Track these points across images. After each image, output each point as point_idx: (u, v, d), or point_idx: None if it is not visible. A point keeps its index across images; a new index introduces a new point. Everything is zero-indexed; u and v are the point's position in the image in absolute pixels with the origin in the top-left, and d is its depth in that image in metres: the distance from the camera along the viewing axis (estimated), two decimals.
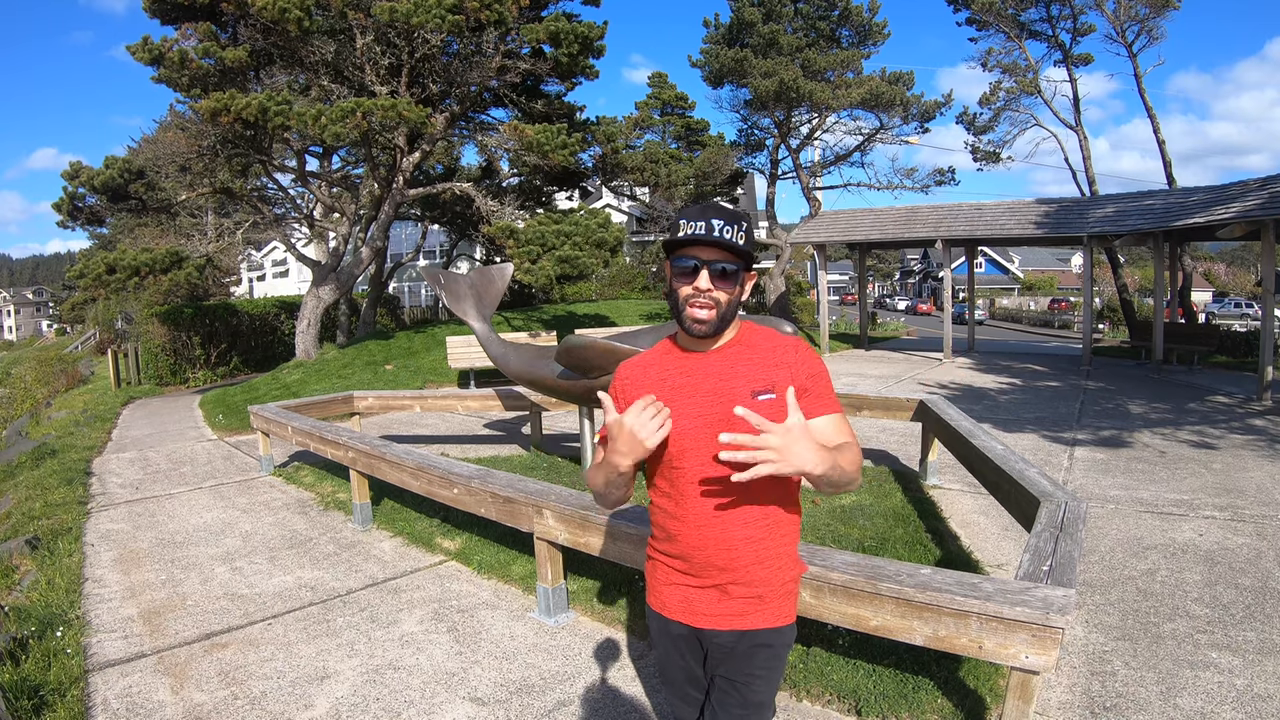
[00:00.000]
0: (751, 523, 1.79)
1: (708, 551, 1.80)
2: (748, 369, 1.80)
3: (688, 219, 1.73)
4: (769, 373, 1.79)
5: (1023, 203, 17.81)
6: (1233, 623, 3.90)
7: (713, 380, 1.79)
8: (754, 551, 1.80)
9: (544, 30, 14.20)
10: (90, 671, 3.68)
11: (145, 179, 13.86)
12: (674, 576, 1.88)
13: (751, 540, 1.79)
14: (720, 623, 1.83)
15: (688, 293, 1.74)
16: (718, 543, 1.78)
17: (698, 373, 1.81)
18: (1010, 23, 21.62)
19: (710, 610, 1.84)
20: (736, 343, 1.84)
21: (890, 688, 3.24)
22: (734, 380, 1.78)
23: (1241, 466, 7.16)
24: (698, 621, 1.85)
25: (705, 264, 1.72)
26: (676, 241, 1.73)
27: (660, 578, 1.92)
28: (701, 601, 1.84)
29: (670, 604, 1.89)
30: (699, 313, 1.74)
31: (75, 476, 7.89)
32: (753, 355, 1.82)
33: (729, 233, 1.69)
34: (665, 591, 1.91)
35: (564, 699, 3.33)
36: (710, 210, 1.73)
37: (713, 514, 1.78)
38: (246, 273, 43.76)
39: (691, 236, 1.70)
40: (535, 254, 13.72)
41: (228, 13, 13.01)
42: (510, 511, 4.28)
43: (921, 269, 73.46)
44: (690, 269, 1.73)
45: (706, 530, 1.79)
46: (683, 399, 1.78)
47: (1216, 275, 59.64)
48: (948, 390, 12.31)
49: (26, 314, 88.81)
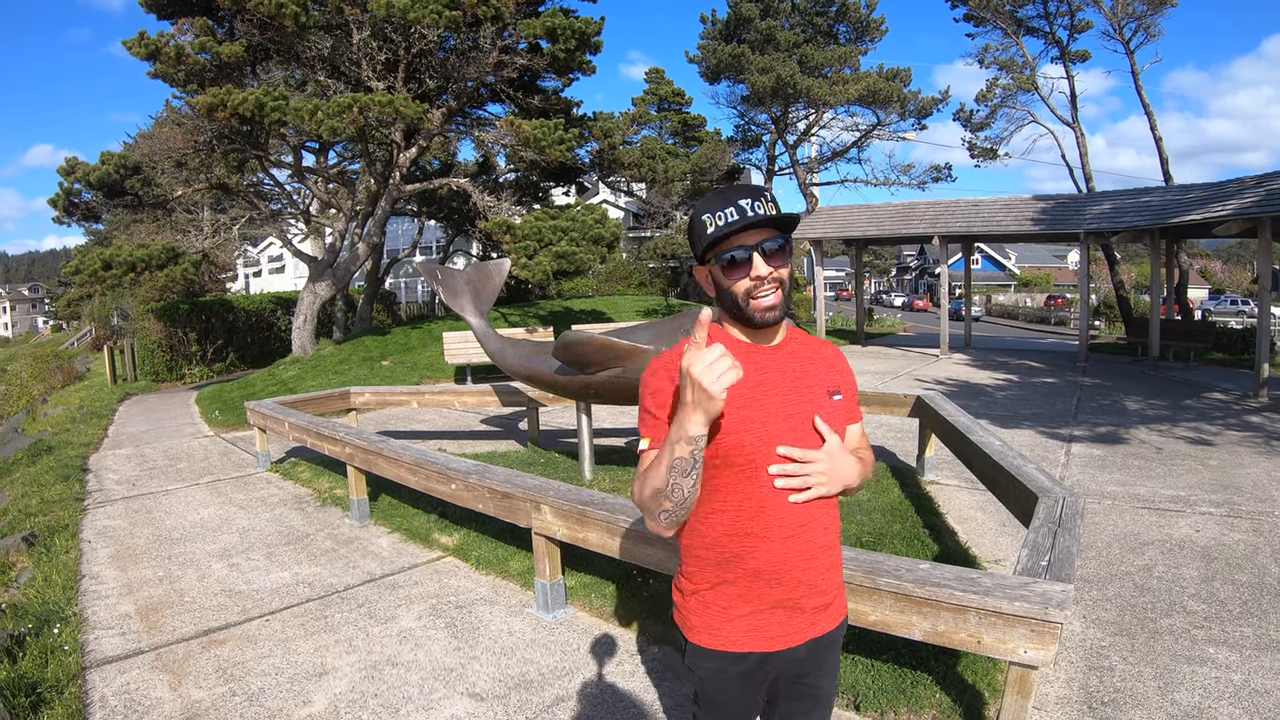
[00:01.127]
0: (827, 526, 1.69)
1: (790, 565, 1.63)
2: (815, 368, 1.71)
3: (712, 211, 1.58)
4: (831, 374, 1.73)
5: (1019, 199, 17.82)
6: (1229, 618, 3.92)
7: (790, 378, 1.67)
8: (830, 558, 1.70)
9: (541, 25, 14.17)
10: (88, 668, 3.67)
11: (141, 175, 13.82)
12: (738, 606, 1.66)
13: (828, 547, 1.69)
14: (793, 639, 1.68)
15: (747, 285, 1.59)
16: (801, 554, 1.64)
17: (772, 370, 1.66)
18: (1007, 19, 21.63)
19: (780, 630, 1.67)
20: (792, 339, 1.73)
21: (889, 683, 3.24)
22: (809, 379, 1.69)
23: (1238, 463, 7.18)
24: (769, 645, 1.67)
25: (753, 248, 1.58)
26: (714, 239, 1.58)
27: (716, 612, 1.68)
28: (770, 624, 1.66)
29: (734, 637, 1.67)
30: (768, 299, 1.60)
31: (72, 473, 7.87)
32: (812, 354, 1.74)
33: (760, 207, 1.56)
34: (725, 627, 1.67)
35: (562, 694, 3.33)
36: (733, 193, 1.59)
37: (798, 524, 1.63)
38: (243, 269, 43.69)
39: (729, 227, 1.55)
40: (532, 250, 13.71)
41: (224, 7, 12.94)
42: (508, 507, 4.28)
43: (918, 265, 73.53)
44: (738, 260, 1.58)
45: (791, 542, 1.63)
46: (766, 398, 1.62)
47: (1213, 272, 59.85)
48: (945, 386, 12.32)
49: (22, 310, 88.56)
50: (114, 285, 14.07)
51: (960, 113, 23.64)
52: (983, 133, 23.63)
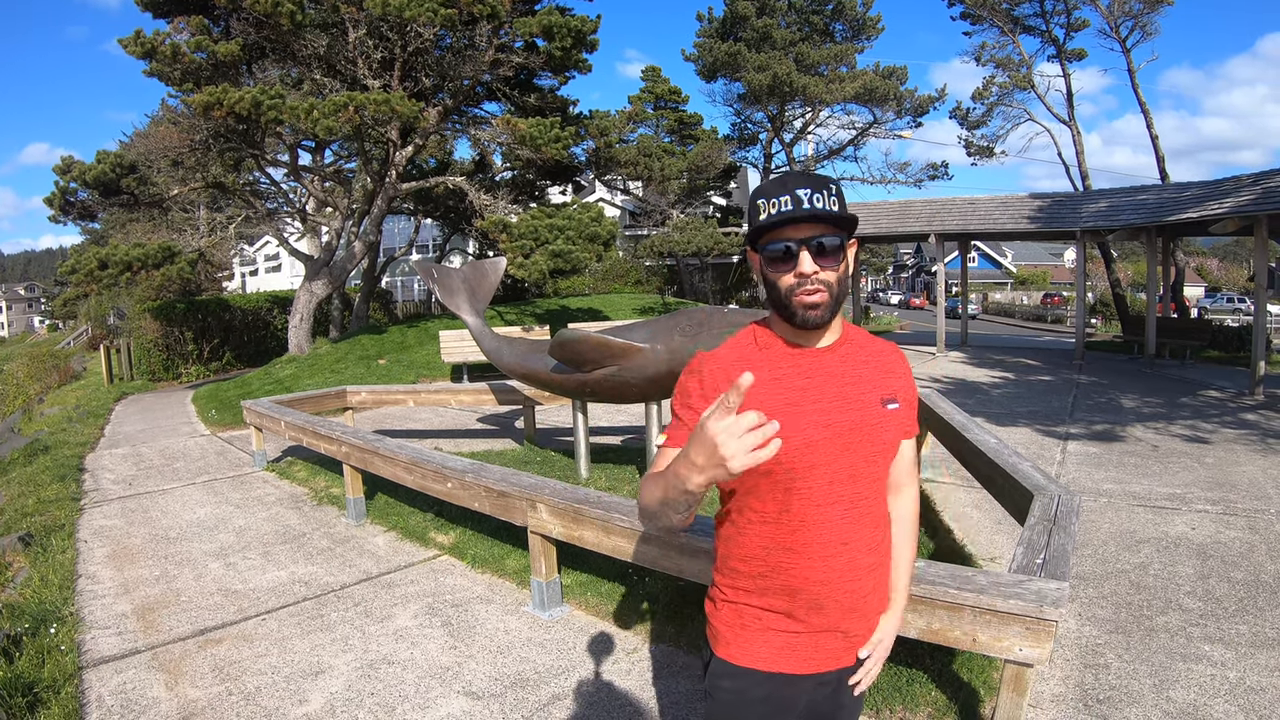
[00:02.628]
0: (874, 548, 1.56)
1: (833, 586, 1.52)
2: (869, 372, 1.57)
3: (767, 196, 1.45)
4: (887, 380, 1.58)
5: (1016, 197, 17.83)
6: (1225, 616, 3.93)
7: (837, 383, 1.52)
8: (874, 580, 1.57)
9: (537, 24, 14.16)
10: (84, 668, 3.67)
11: (137, 174, 13.80)
12: (774, 621, 1.56)
13: (873, 569, 1.57)
14: (827, 664, 1.58)
15: (790, 282, 1.46)
16: (844, 574, 1.52)
17: (818, 374, 1.52)
18: (1004, 17, 21.64)
19: (816, 654, 1.56)
20: (847, 340, 1.58)
21: (884, 681, 3.24)
22: (860, 385, 1.54)
23: (1234, 460, 7.20)
24: (802, 668, 1.56)
25: (802, 243, 1.44)
26: (763, 226, 1.46)
27: (749, 625, 1.57)
28: (807, 646, 1.56)
29: (764, 654, 1.56)
30: (811, 299, 1.45)
31: (68, 473, 7.86)
32: (868, 358, 1.59)
33: (820, 200, 1.42)
34: (756, 641, 1.56)
35: (558, 693, 3.33)
36: (792, 180, 1.45)
37: (840, 542, 1.51)
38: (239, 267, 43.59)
39: (779, 216, 1.43)
40: (528, 248, 13.71)
41: (220, 6, 12.94)
42: (504, 506, 4.28)
43: (915, 263, 73.57)
44: (784, 253, 1.46)
45: (833, 562, 1.51)
46: (808, 404, 1.49)
47: (1209, 270, 59.96)
48: (941, 384, 12.33)
49: (18, 310, 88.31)
50: (110, 284, 14.04)
51: (957, 111, 23.66)
52: (979, 131, 23.67)
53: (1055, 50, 21.74)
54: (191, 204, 18.11)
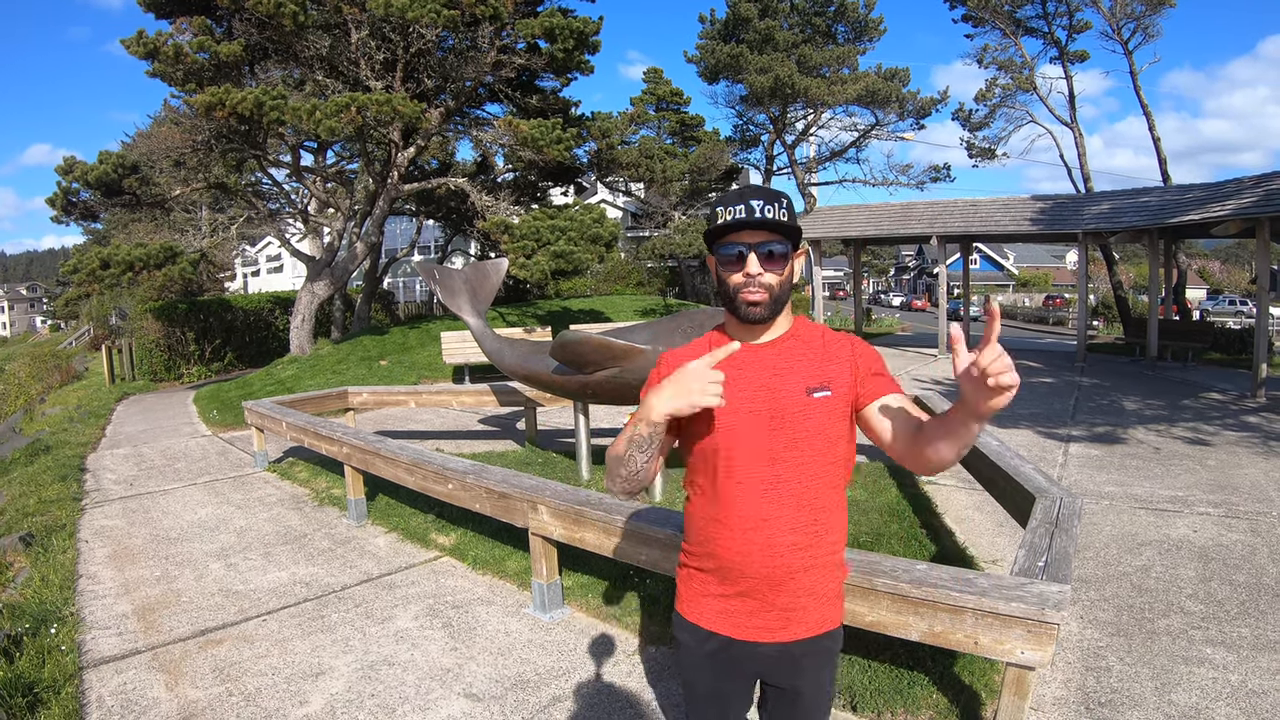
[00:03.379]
0: (799, 528, 1.68)
1: (751, 559, 1.68)
2: (802, 364, 1.72)
3: (724, 205, 1.66)
4: (823, 368, 1.71)
5: (1018, 199, 17.81)
6: (1227, 619, 3.92)
7: (766, 374, 1.71)
8: (800, 559, 1.69)
9: (539, 25, 14.17)
10: (85, 669, 3.67)
11: (139, 174, 13.81)
12: (710, 585, 1.76)
13: (798, 548, 1.68)
14: (761, 635, 1.72)
15: (738, 280, 1.67)
16: (763, 549, 1.67)
17: (751, 366, 1.72)
18: (1006, 19, 21.63)
19: (749, 621, 1.73)
20: (790, 336, 1.76)
21: (886, 683, 3.24)
22: (788, 375, 1.70)
23: (1236, 463, 7.19)
24: (737, 633, 1.74)
25: (751, 248, 1.65)
26: (718, 230, 1.66)
27: (695, 587, 1.80)
28: (740, 612, 1.73)
29: (706, 615, 1.77)
30: (753, 297, 1.66)
31: (69, 473, 7.86)
32: (807, 350, 1.74)
33: (770, 211, 1.62)
34: (701, 602, 1.78)
35: (559, 694, 3.33)
36: (748, 192, 1.66)
37: (759, 518, 1.67)
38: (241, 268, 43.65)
39: (732, 222, 1.63)
40: (530, 249, 13.71)
41: (223, 7, 12.94)
42: (505, 507, 4.27)
43: (916, 265, 73.52)
44: (736, 256, 1.66)
45: (752, 535, 1.68)
46: (733, 392, 1.66)
47: (1211, 272, 59.87)
48: (942, 386, 12.31)
49: (20, 310, 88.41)
50: (112, 285, 14.05)
51: (959, 113, 23.65)
52: (981, 133, 23.65)
53: (1057, 52, 21.72)
54: (193, 204, 18.13)
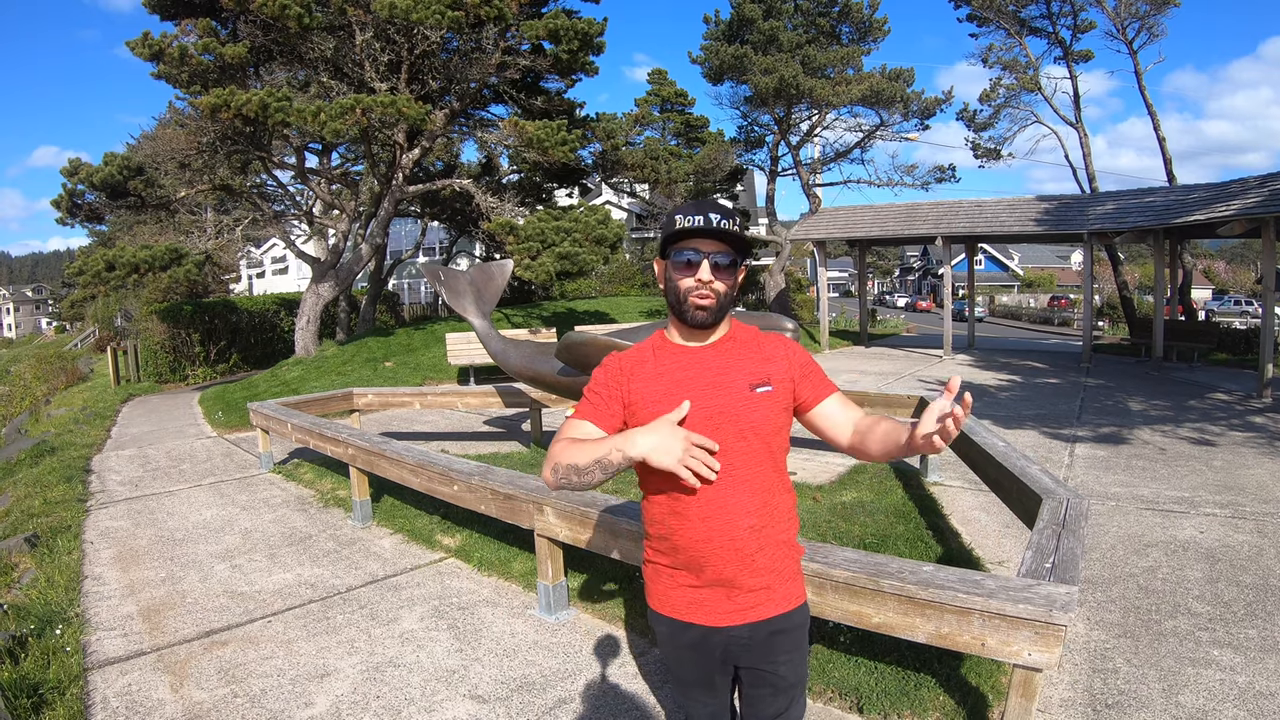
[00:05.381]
0: (754, 510, 1.79)
1: (714, 544, 1.78)
2: (743, 363, 1.85)
3: (684, 214, 1.77)
4: (763, 366, 1.85)
5: (1023, 199, 17.77)
6: (1234, 620, 3.90)
7: (711, 373, 1.83)
8: (757, 540, 1.80)
9: (544, 26, 14.16)
10: (89, 670, 3.67)
11: (144, 176, 13.82)
12: (679, 577, 1.87)
13: (755, 529, 1.79)
14: (733, 618, 1.83)
15: (689, 284, 1.78)
16: (723, 534, 1.78)
17: (695, 366, 1.84)
18: (1011, 19, 21.60)
19: (720, 607, 1.83)
20: (729, 338, 1.89)
21: (892, 685, 3.23)
22: (731, 373, 1.82)
23: (1242, 464, 7.16)
24: (709, 620, 1.84)
25: (705, 255, 1.77)
26: (675, 235, 1.78)
27: (663, 580, 1.91)
28: (710, 600, 1.84)
29: (679, 606, 1.88)
30: (701, 301, 1.79)
31: (74, 474, 7.88)
32: (745, 350, 1.88)
33: (726, 224, 1.74)
34: (672, 594, 1.89)
35: (565, 696, 3.32)
36: (706, 205, 1.78)
37: (716, 506, 1.77)
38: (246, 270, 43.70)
39: (691, 229, 1.75)
40: (535, 250, 13.70)
41: (228, 9, 12.96)
42: (510, 508, 4.27)
43: (921, 266, 73.43)
44: (690, 262, 1.78)
45: (711, 522, 1.78)
46: (682, 392, 1.79)
47: (1216, 273, 59.69)
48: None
49: (26, 311, 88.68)
50: (117, 286, 14.08)
51: (963, 113, 23.59)
52: (986, 133, 23.59)
53: (1062, 52, 21.68)
54: (198, 206, 18.13)
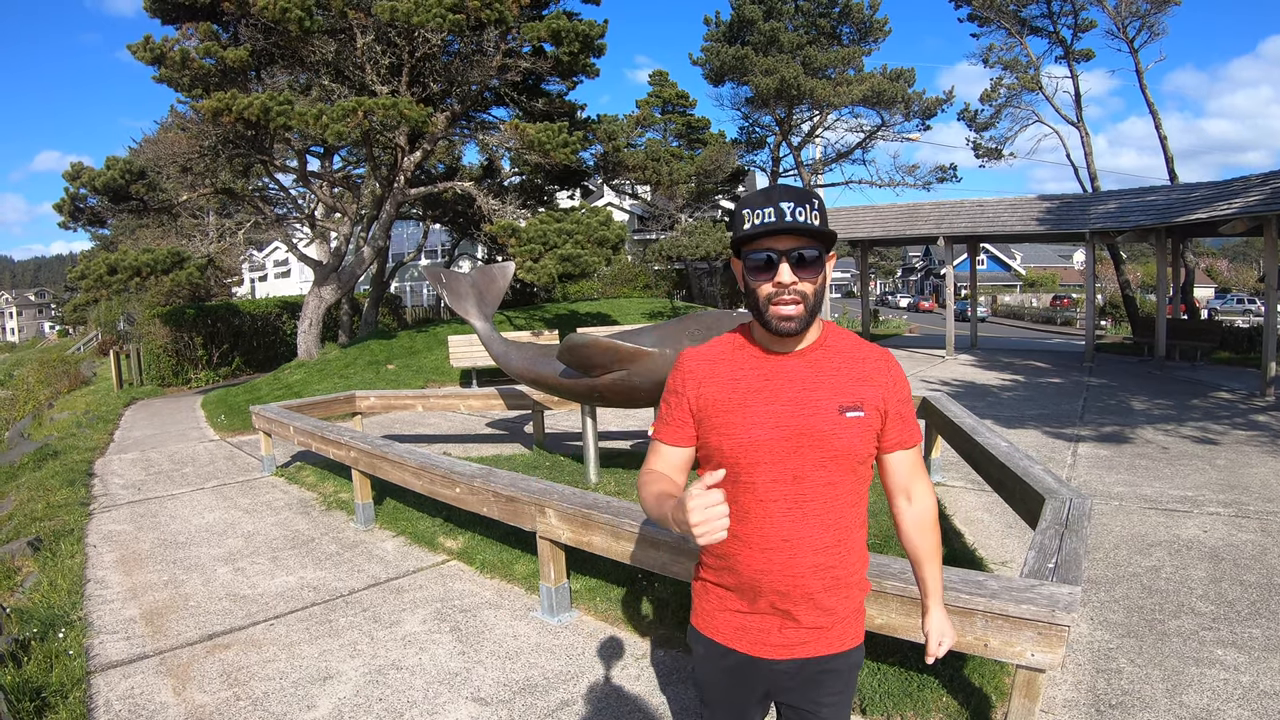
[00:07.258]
0: (823, 548, 1.60)
1: (771, 578, 1.60)
2: (834, 379, 1.61)
3: (752, 207, 1.53)
4: (857, 388, 1.61)
5: (1025, 199, 17.77)
6: (1238, 619, 3.89)
7: (795, 387, 1.59)
8: (821, 580, 1.61)
9: (545, 29, 14.18)
10: (92, 673, 3.68)
11: (146, 180, 13.85)
12: (729, 601, 1.68)
13: (820, 569, 1.60)
14: (780, 652, 1.65)
15: (769, 290, 1.54)
16: (783, 569, 1.59)
17: (778, 377, 1.60)
18: (1011, 19, 21.59)
19: (768, 639, 1.65)
20: (820, 346, 1.64)
21: (895, 686, 3.22)
22: (819, 390, 1.59)
23: (1245, 462, 7.14)
24: (754, 650, 1.66)
25: (783, 254, 1.52)
26: (746, 236, 1.53)
27: (712, 602, 1.72)
28: (759, 629, 1.65)
29: (724, 630, 1.69)
30: (786, 309, 1.54)
31: (77, 478, 7.89)
32: (839, 362, 1.63)
33: (802, 214, 1.50)
34: (718, 617, 1.70)
35: (567, 698, 3.32)
36: (775, 193, 1.52)
37: (781, 538, 1.58)
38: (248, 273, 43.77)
39: (762, 227, 1.51)
40: (537, 252, 13.71)
41: (228, 12, 12.99)
42: (513, 511, 4.27)
43: (923, 266, 73.41)
44: (766, 263, 1.53)
45: (772, 555, 1.59)
46: (759, 405, 1.58)
47: (1219, 271, 59.60)
48: (950, 387, 12.28)
49: (29, 315, 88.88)
50: (120, 290, 14.10)
51: (965, 113, 23.60)
52: (987, 133, 23.59)
53: (1063, 51, 21.68)
54: (200, 210, 18.19)
